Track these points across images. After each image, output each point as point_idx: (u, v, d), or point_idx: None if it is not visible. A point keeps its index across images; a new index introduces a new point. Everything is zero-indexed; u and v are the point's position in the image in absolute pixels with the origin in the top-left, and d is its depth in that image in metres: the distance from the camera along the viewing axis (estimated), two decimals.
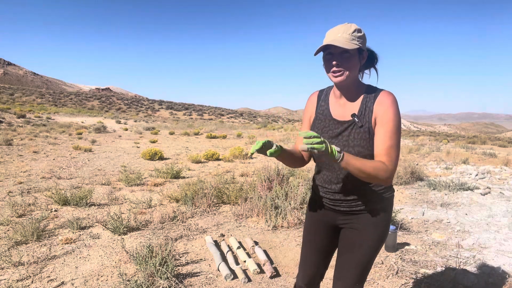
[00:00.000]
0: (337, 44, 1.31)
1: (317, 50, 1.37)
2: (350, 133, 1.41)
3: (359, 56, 1.38)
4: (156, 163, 8.38)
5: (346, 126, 1.42)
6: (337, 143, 1.43)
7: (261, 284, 2.60)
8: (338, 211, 1.54)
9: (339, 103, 1.48)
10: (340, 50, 1.34)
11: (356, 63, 1.38)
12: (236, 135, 18.01)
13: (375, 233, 1.49)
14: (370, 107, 1.39)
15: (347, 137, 1.41)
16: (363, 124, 1.39)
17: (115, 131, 19.76)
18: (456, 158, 10.25)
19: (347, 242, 1.54)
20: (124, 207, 4.48)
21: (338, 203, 1.52)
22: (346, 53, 1.34)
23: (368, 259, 1.50)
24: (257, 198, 4.17)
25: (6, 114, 22.92)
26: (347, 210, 1.51)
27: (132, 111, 56.74)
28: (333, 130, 1.46)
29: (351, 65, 1.36)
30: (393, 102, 1.36)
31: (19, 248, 3.08)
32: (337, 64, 1.35)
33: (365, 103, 1.41)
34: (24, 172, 6.61)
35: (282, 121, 59.37)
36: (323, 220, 1.62)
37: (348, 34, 1.33)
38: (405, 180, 6.30)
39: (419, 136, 32.21)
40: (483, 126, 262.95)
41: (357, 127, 1.39)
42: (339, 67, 1.36)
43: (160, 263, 2.57)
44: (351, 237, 1.52)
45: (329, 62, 1.38)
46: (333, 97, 1.51)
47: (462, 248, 3.32)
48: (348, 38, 1.33)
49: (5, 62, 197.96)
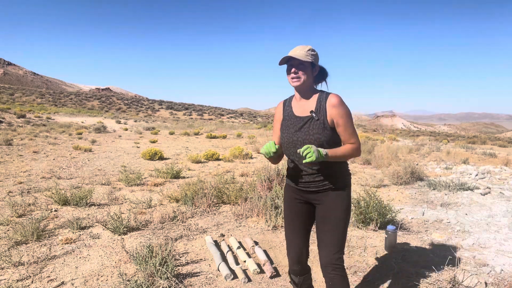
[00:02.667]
0: (296, 57, 1.77)
1: (281, 60, 1.81)
2: (309, 125, 1.82)
3: (312, 68, 1.84)
4: (156, 163, 8.38)
5: (306, 120, 1.83)
6: (300, 134, 1.83)
7: (261, 284, 2.60)
8: (310, 191, 1.90)
9: (299, 104, 1.90)
10: (297, 62, 1.80)
11: (310, 73, 1.83)
12: (236, 135, 18.01)
13: (342, 205, 1.86)
14: (323, 105, 1.81)
15: (308, 129, 1.82)
16: (319, 118, 1.80)
17: (115, 131, 19.76)
18: (456, 158, 10.25)
19: (321, 217, 1.89)
20: (124, 207, 4.48)
21: (309, 185, 1.88)
22: (301, 65, 1.80)
23: (341, 229, 1.84)
24: (257, 198, 4.17)
25: (6, 114, 22.92)
26: (317, 190, 1.87)
27: (132, 111, 56.74)
28: (297, 125, 1.86)
29: (306, 73, 1.81)
30: (341, 101, 1.80)
31: (19, 248, 3.08)
32: (295, 71, 1.80)
33: (319, 102, 1.83)
34: (24, 172, 6.61)
35: None
36: (299, 202, 1.97)
37: (304, 51, 1.79)
38: (405, 180, 6.29)
39: (419, 136, 32.20)
40: (483, 126, 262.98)
41: (314, 120, 1.81)
42: (297, 74, 1.80)
43: (160, 263, 2.57)
44: (324, 212, 1.88)
45: (289, 70, 1.82)
46: (295, 101, 1.93)
47: (462, 248, 3.32)
48: (304, 54, 1.78)
49: (5, 62, 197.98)
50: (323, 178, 1.85)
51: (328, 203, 1.85)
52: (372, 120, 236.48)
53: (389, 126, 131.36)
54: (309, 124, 1.81)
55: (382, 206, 3.73)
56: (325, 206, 1.86)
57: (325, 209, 1.86)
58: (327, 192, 1.86)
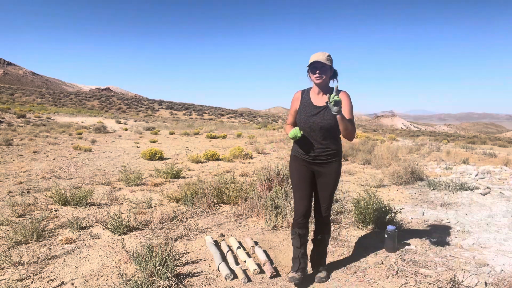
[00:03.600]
0: (321, 61, 2.38)
1: (310, 63, 2.40)
2: (324, 112, 2.44)
3: (330, 70, 2.44)
4: (156, 163, 8.37)
5: (322, 108, 2.46)
6: (316, 118, 2.45)
7: (261, 284, 2.60)
8: (316, 163, 2.53)
9: (317, 96, 2.51)
10: (321, 65, 2.40)
11: (328, 74, 2.45)
12: (236, 135, 18.00)
13: (338, 175, 2.57)
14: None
15: (323, 114, 2.44)
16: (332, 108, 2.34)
17: (115, 131, 19.76)
18: (456, 158, 10.25)
19: (324, 184, 2.56)
20: (124, 207, 4.48)
21: (317, 158, 2.51)
22: (323, 67, 2.41)
23: (334, 191, 2.61)
24: (257, 198, 4.17)
25: (6, 114, 22.92)
26: (322, 162, 2.51)
27: (132, 111, 56.73)
28: (314, 111, 2.48)
29: (326, 74, 2.43)
30: (349, 96, 2.47)
31: (19, 248, 3.08)
32: (319, 72, 2.42)
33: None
34: (24, 172, 6.61)
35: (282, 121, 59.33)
36: (306, 171, 2.56)
37: (325, 57, 2.40)
38: (405, 180, 6.29)
39: (419, 136, 32.19)
40: (483, 126, 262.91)
41: (328, 109, 2.40)
42: (320, 74, 2.42)
43: (160, 263, 2.57)
44: (326, 180, 2.55)
45: (314, 71, 2.43)
46: (313, 93, 2.54)
47: (462, 248, 3.32)
48: (325, 59, 2.39)
49: (5, 62, 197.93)
50: (328, 153, 2.49)
51: (330, 173, 2.52)
52: (372, 120, 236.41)
53: (389, 126, 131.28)
54: (324, 111, 2.43)
55: (382, 206, 3.72)
56: (328, 175, 2.53)
57: (327, 178, 2.54)
58: (330, 164, 2.51)
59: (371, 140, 15.92)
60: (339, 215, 4.11)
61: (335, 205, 4.23)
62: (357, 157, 9.21)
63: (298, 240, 2.56)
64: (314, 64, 2.39)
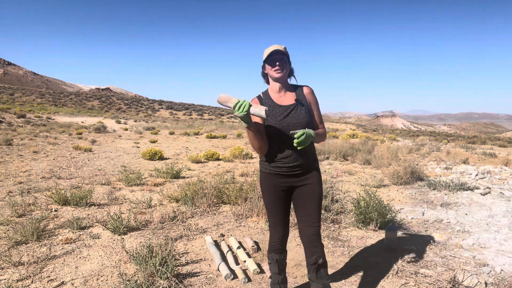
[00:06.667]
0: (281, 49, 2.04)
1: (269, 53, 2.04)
2: (296, 111, 2.08)
3: (288, 63, 2.11)
4: (156, 163, 8.38)
5: (293, 107, 2.08)
6: (290, 119, 2.05)
7: (261, 284, 2.60)
8: (294, 175, 2.11)
9: (279, 95, 2.14)
10: (280, 56, 2.05)
11: (288, 68, 2.11)
12: (236, 135, 18.01)
13: (320, 181, 2.17)
14: (302, 94, 2.14)
15: (295, 114, 2.07)
16: (304, 104, 2.10)
17: (115, 131, 19.76)
18: (456, 158, 10.25)
19: (306, 195, 2.13)
20: (124, 207, 4.48)
21: (295, 169, 2.10)
22: (283, 60, 2.05)
23: (321, 199, 2.16)
24: (257, 198, 4.17)
25: (6, 114, 22.92)
26: (302, 172, 2.11)
27: (132, 111, 56.72)
28: (283, 113, 2.07)
29: (285, 67, 2.08)
30: (312, 90, 2.18)
31: (19, 248, 3.08)
32: (279, 64, 2.05)
33: (298, 92, 2.14)
34: (24, 172, 6.61)
35: None
36: (281, 190, 2.15)
37: (283, 48, 2.07)
38: (405, 180, 6.29)
39: (419, 136, 32.20)
40: (483, 126, 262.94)
41: (300, 107, 2.09)
42: (281, 67, 2.06)
43: (160, 263, 2.57)
44: (309, 191, 2.13)
45: (273, 63, 2.06)
46: (273, 94, 2.15)
47: (462, 248, 3.32)
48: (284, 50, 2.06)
49: (5, 62, 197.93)
50: (307, 161, 2.12)
51: (313, 182, 2.14)
52: (372, 120, 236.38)
53: (389, 126, 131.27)
54: (296, 110, 2.08)
55: (382, 206, 3.72)
56: (310, 186, 2.13)
57: (310, 188, 2.14)
58: (311, 172, 2.14)
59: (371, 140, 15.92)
60: (339, 215, 4.11)
61: (335, 205, 4.23)
62: (357, 157, 9.21)
63: (275, 266, 2.27)
64: (273, 56, 2.04)
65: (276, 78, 2.08)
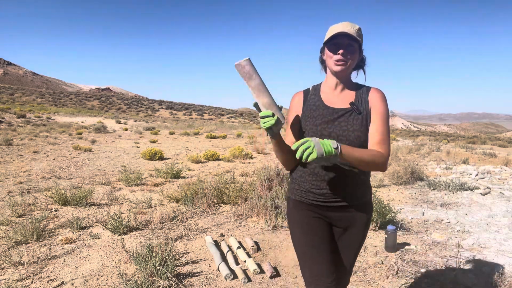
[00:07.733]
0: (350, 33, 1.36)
1: (329, 37, 1.40)
2: (348, 119, 1.44)
3: (359, 51, 1.46)
4: (156, 163, 8.38)
5: (343, 113, 1.45)
6: (334, 128, 1.44)
7: (261, 284, 2.60)
8: (334, 207, 1.47)
9: (333, 94, 1.51)
10: (347, 42, 1.40)
11: (356, 58, 1.45)
12: (236, 135, 18.01)
13: (365, 231, 1.53)
14: (365, 98, 1.47)
15: (345, 123, 1.43)
16: (362, 112, 1.44)
17: (115, 131, 19.76)
18: (456, 158, 10.25)
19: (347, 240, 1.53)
20: (124, 207, 4.48)
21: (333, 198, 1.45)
22: (351, 46, 1.41)
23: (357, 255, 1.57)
24: (257, 198, 4.17)
25: (6, 114, 22.92)
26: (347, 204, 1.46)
27: (132, 111, 56.74)
28: (328, 117, 1.46)
29: (353, 58, 1.43)
30: (384, 97, 1.47)
31: (19, 248, 3.08)
32: (343, 53, 1.40)
33: (359, 94, 1.48)
34: (24, 172, 6.61)
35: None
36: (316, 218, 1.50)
37: (355, 30, 1.39)
38: (405, 180, 6.29)
39: (419, 136, 32.20)
40: (483, 126, 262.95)
41: (355, 114, 1.44)
42: (345, 56, 1.41)
43: (160, 263, 2.57)
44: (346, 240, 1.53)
45: (335, 51, 1.42)
46: (326, 89, 1.54)
47: (462, 248, 3.32)
48: (355, 33, 1.39)
49: (5, 62, 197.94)
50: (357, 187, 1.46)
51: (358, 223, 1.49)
52: None
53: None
54: (347, 118, 1.43)
55: (382, 206, 3.73)
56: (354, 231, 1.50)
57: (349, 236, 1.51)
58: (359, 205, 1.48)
59: None
60: None
61: None
62: None
63: None
64: (338, 39, 1.39)
65: (336, 71, 1.46)
